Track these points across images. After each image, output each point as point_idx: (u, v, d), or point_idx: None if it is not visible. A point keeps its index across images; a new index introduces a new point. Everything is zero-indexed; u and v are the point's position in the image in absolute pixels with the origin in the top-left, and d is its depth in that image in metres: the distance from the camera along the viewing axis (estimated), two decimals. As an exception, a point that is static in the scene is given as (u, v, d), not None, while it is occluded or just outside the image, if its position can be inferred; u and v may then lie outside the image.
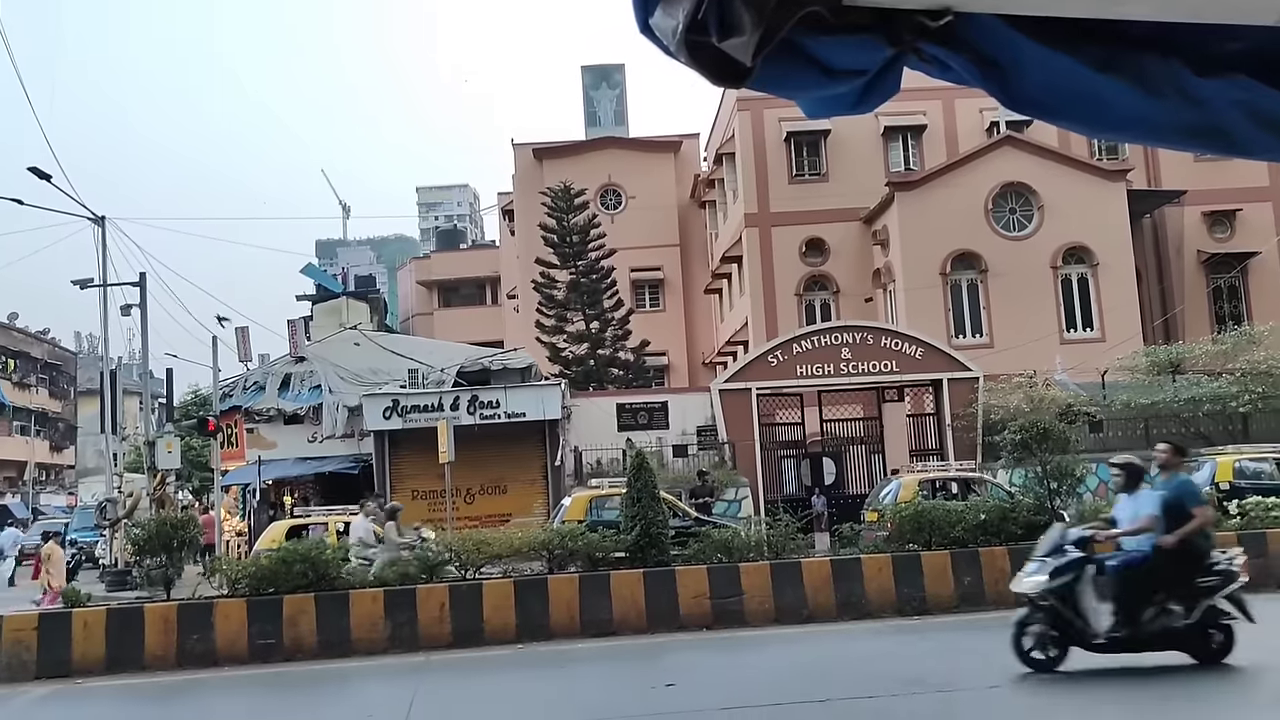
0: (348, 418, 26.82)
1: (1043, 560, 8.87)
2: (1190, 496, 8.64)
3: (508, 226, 47.21)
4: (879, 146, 33.05)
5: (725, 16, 1.30)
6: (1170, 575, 8.44)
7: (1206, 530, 8.69)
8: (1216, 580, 8.42)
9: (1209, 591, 8.37)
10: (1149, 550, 8.52)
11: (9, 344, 57.98)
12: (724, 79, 1.39)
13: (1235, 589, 8.42)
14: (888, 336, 24.82)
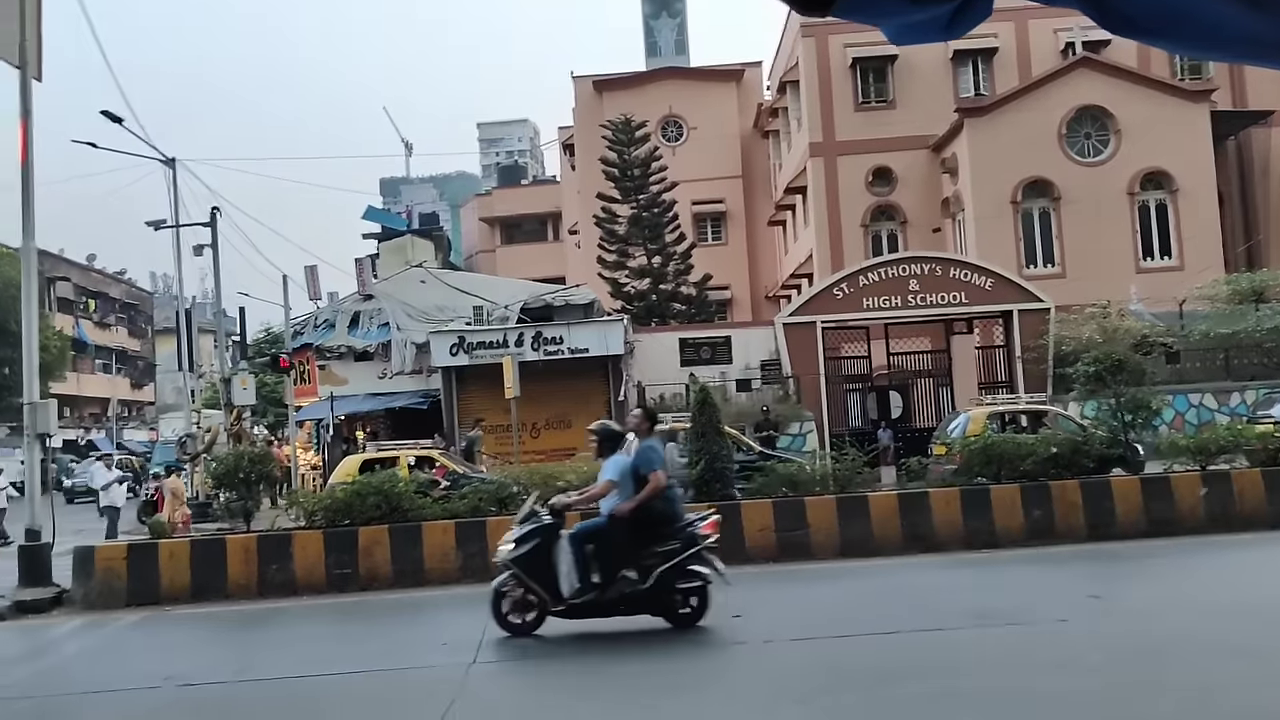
0: (415, 354, 27.22)
1: (518, 527, 8.98)
2: (646, 463, 8.57)
3: (568, 161, 47.00)
4: (948, 71, 32.12)
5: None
6: (625, 542, 8.48)
7: (670, 494, 8.69)
8: (676, 545, 8.48)
9: (666, 556, 8.43)
10: (604, 518, 8.61)
11: (88, 285, 59.63)
12: (810, 7, 1.34)
13: (695, 552, 8.48)
14: (956, 267, 24.37)
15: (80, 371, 55.78)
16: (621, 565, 8.48)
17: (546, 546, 8.63)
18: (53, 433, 13.56)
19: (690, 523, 8.70)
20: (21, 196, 13.04)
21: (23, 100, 13.06)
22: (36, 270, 13.61)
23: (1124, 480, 13.36)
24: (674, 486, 8.73)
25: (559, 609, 8.66)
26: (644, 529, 8.47)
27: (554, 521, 8.80)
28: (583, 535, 8.65)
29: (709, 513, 9.04)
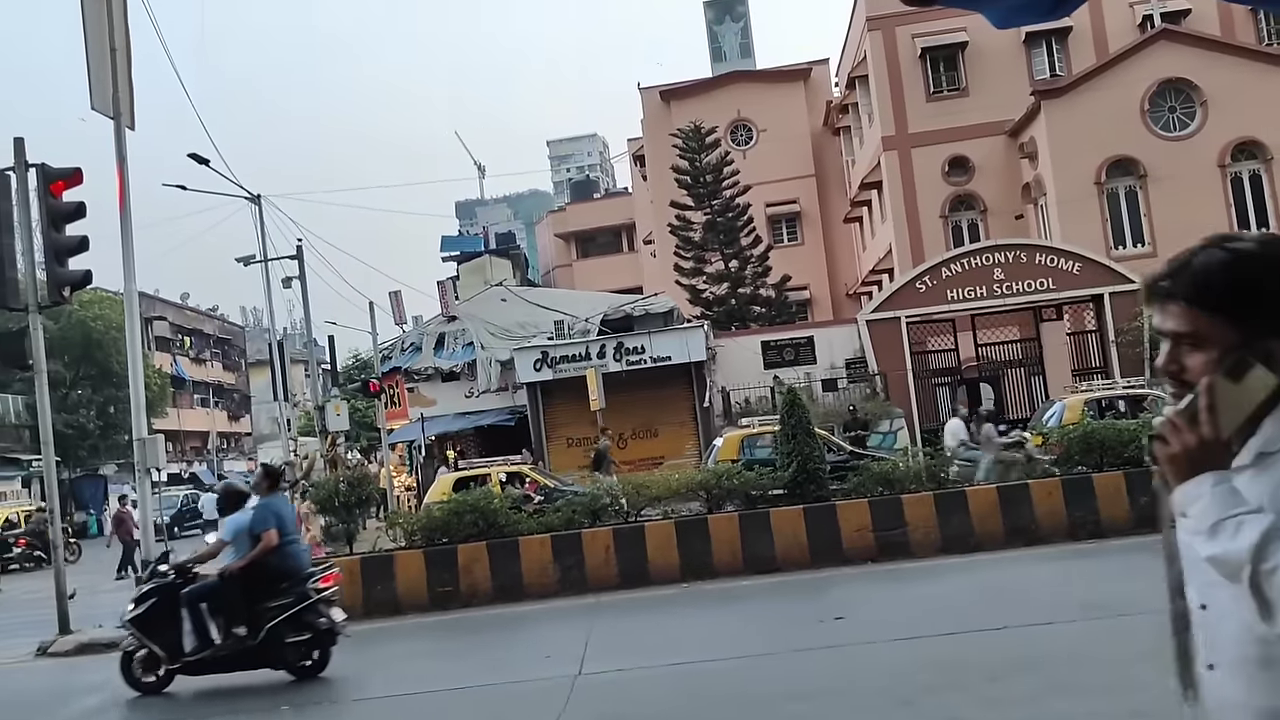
0: (500, 372, 27.60)
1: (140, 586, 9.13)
2: (260, 522, 8.62)
3: (639, 172, 47.19)
4: (1021, 54, 31.45)
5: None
6: (237, 599, 8.56)
7: (286, 550, 8.68)
8: (289, 600, 8.54)
9: (278, 611, 8.50)
10: (216, 577, 8.71)
11: (184, 322, 61.74)
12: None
13: (309, 605, 8.59)
14: (1042, 253, 23.81)
15: (180, 406, 57.73)
16: (234, 622, 8.66)
17: (168, 604, 8.81)
18: (162, 467, 14.06)
19: (308, 576, 8.85)
20: (121, 241, 13.57)
21: (118, 149, 13.60)
22: (139, 312, 14.13)
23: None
24: (294, 542, 8.87)
25: (176, 666, 8.81)
26: (258, 585, 8.65)
27: (175, 580, 9.01)
28: (195, 594, 8.85)
29: (328, 566, 9.26)
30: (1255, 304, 1.54)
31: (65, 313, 35.28)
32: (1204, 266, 1.57)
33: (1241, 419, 1.53)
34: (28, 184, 13.11)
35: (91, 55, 13.37)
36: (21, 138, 13.25)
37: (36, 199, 12.99)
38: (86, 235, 13.39)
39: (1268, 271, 1.56)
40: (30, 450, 42.20)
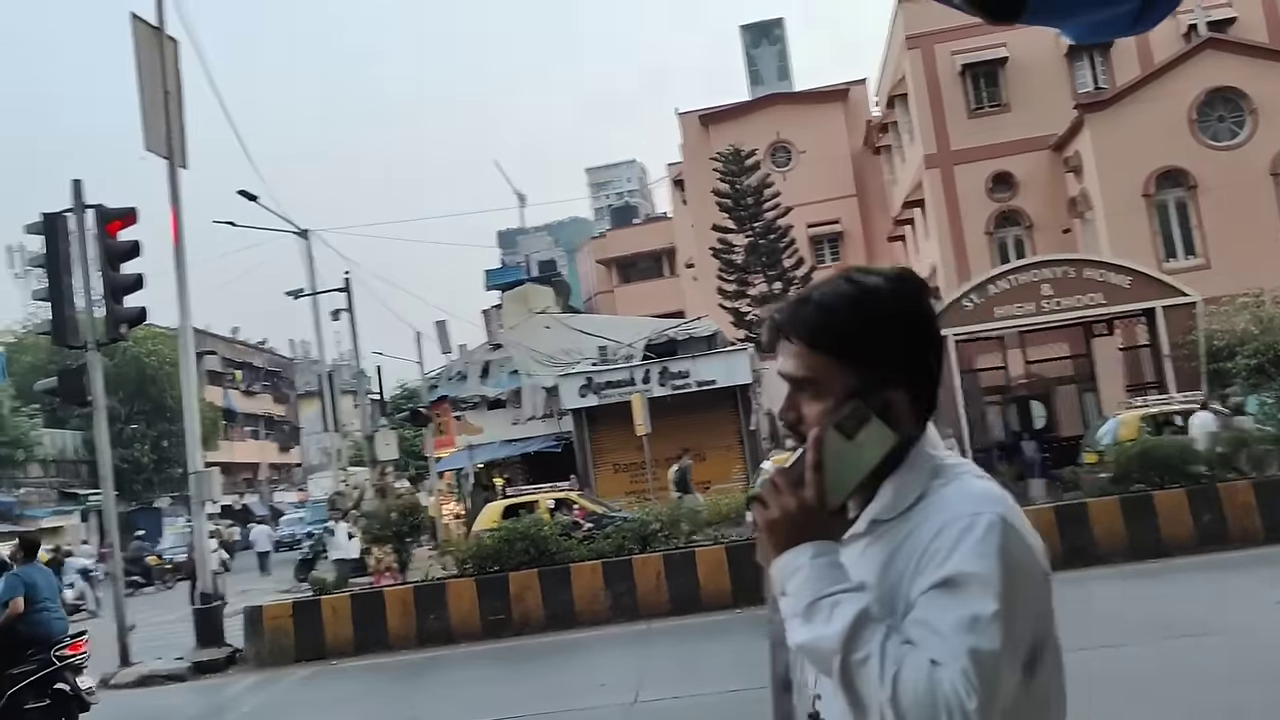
0: (545, 398, 27.70)
1: None
2: (9, 590, 8.55)
3: (679, 197, 47.32)
4: (1063, 68, 31.16)
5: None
6: None
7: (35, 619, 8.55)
8: (32, 667, 8.47)
9: (20, 678, 8.45)
10: None
11: (234, 356, 62.77)
12: (1000, 15, 1.32)
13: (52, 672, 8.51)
14: (1091, 267, 23.43)
15: (231, 439, 58.58)
16: None
17: None
18: (217, 499, 14.25)
19: (57, 643, 8.75)
20: (176, 278, 13.83)
21: (171, 188, 13.90)
22: (193, 348, 14.38)
23: (1301, 477, 12.56)
24: (44, 610, 8.75)
25: None
26: (4, 653, 8.58)
27: None
28: None
29: (80, 633, 9.15)
30: (877, 348, 1.35)
31: (120, 349, 36.01)
32: (824, 303, 1.38)
33: (857, 480, 1.33)
34: (84, 225, 13.44)
35: (145, 98, 13.69)
36: (79, 180, 13.60)
37: (94, 239, 13.30)
38: (141, 273, 13.68)
39: (895, 312, 1.37)
40: (88, 485, 43.03)
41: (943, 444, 1.42)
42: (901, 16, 32.86)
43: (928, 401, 1.41)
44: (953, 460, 1.40)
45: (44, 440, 42.45)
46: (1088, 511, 12.46)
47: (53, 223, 13.38)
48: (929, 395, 1.41)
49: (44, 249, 13.50)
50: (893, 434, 1.32)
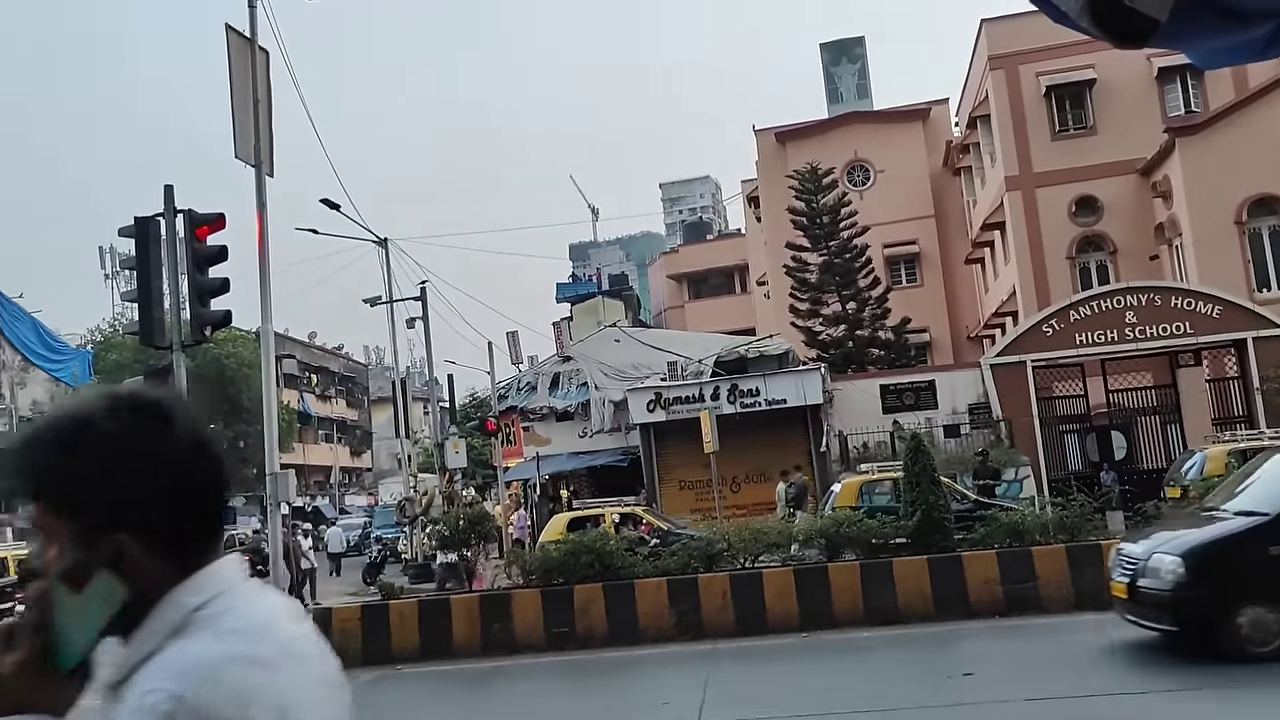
0: (614, 412, 27.76)
1: None
2: None
3: (753, 213, 47.16)
4: (1153, 91, 30.40)
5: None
6: None
7: None
8: None
9: None
10: None
11: (311, 360, 64.08)
12: (1127, 39, 1.26)
13: None
14: (1178, 295, 22.81)
15: (305, 442, 59.77)
16: None
17: None
18: (292, 500, 14.50)
19: None
20: (260, 283, 14.14)
21: (258, 195, 14.22)
22: (274, 351, 14.67)
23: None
24: None
25: None
26: None
27: None
28: None
29: None
30: (88, 491, 1.19)
31: (202, 350, 36.98)
32: (28, 446, 1.23)
33: (90, 640, 1.17)
34: (175, 229, 13.82)
35: (236, 107, 14.05)
36: (171, 185, 13.99)
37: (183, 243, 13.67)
38: (227, 277, 14.02)
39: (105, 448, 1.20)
40: (167, 481, 44.19)
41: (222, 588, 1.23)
42: (985, 37, 32.40)
43: (184, 541, 1.24)
44: (215, 610, 1.20)
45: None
46: (1171, 548, 12.03)
47: (144, 227, 13.76)
48: (182, 535, 1.24)
49: (135, 251, 13.91)
50: (120, 586, 1.17)
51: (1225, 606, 8.58)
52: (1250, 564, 8.74)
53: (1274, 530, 8.77)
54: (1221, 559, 8.93)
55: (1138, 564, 9.16)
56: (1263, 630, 8.50)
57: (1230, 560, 8.93)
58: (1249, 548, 8.86)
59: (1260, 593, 8.59)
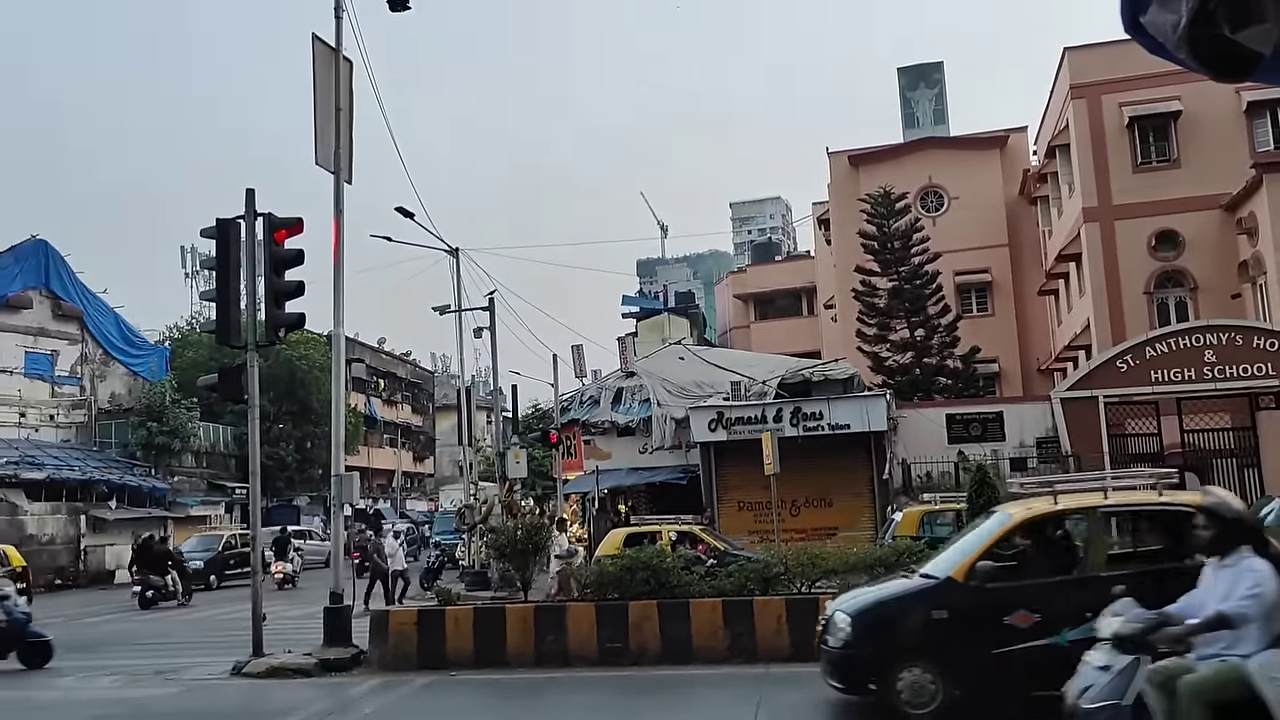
0: (675, 429, 27.74)
1: None
2: None
3: (824, 236, 46.92)
4: (1241, 125, 29.64)
5: (1241, 5, 1.16)
6: None
7: None
8: None
9: None
10: None
11: (379, 365, 65.11)
12: (1226, 73, 1.25)
13: None
14: (1260, 336, 22.18)
15: (370, 445, 60.70)
16: None
17: None
18: (356, 502, 14.73)
19: None
20: (334, 288, 14.46)
21: (336, 201, 14.55)
22: (344, 355, 14.96)
23: None
24: None
25: None
26: None
27: None
28: None
29: None
30: None
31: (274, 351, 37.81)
32: None
33: None
34: (255, 232, 14.19)
35: (319, 114, 14.41)
36: (252, 189, 14.37)
37: (262, 246, 14.03)
38: (303, 281, 14.34)
39: None
40: (235, 478, 45.26)
41: None
42: (1068, 65, 31.90)
43: None
44: None
45: (199, 432, 44.87)
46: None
47: (225, 228, 14.17)
48: None
49: (215, 252, 14.31)
50: None
51: (886, 667, 8.56)
52: (912, 626, 8.72)
53: (938, 594, 8.74)
54: (885, 619, 8.92)
55: (825, 620, 9.21)
56: (921, 693, 8.43)
57: (893, 621, 8.90)
58: (912, 610, 8.85)
59: (920, 655, 8.54)
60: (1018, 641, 8.42)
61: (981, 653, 8.46)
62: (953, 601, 8.72)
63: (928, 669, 8.56)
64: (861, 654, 8.86)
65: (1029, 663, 8.33)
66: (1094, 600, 8.37)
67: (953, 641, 8.61)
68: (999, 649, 8.44)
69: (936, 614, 8.73)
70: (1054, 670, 8.34)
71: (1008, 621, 8.48)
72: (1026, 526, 9.33)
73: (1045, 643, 8.33)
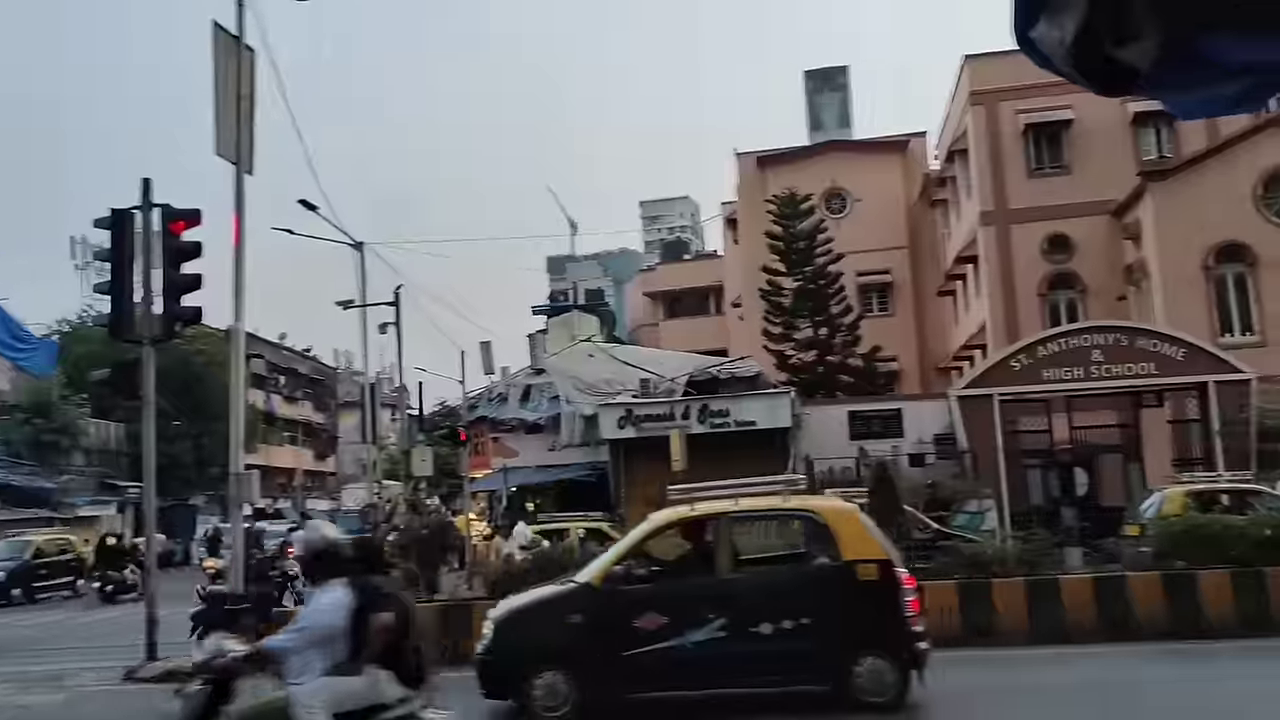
0: (584, 427, 27.72)
1: None
2: None
3: (731, 236, 47.47)
4: (1128, 135, 30.94)
5: (1122, 23, 1.24)
6: None
7: None
8: None
9: None
10: None
11: (279, 361, 63.56)
12: (1109, 87, 1.33)
13: None
14: (1144, 337, 23.14)
15: (269, 443, 59.23)
16: None
17: None
18: (255, 502, 14.38)
19: None
20: (234, 281, 14.07)
21: (237, 193, 14.17)
22: (244, 351, 14.59)
23: (1352, 568, 12.21)
24: None
25: None
26: None
27: None
28: None
29: None
30: None
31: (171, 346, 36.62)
32: None
33: None
34: (151, 223, 13.74)
35: (219, 102, 14.01)
36: (148, 178, 13.93)
37: (158, 237, 13.59)
38: (201, 274, 13.95)
39: None
40: (127, 477, 43.67)
41: None
42: (967, 72, 32.86)
43: None
44: None
45: (89, 430, 43.18)
46: (1127, 585, 12.22)
47: (120, 219, 13.70)
48: None
49: (109, 243, 13.82)
50: None
51: (523, 672, 8.82)
52: (548, 631, 9.02)
53: (574, 599, 9.09)
54: (523, 625, 9.21)
55: None
56: (554, 696, 8.72)
57: (531, 627, 9.21)
58: (549, 615, 9.16)
59: (555, 660, 8.84)
60: (645, 644, 8.72)
61: (612, 655, 8.70)
62: (587, 606, 8.96)
63: (562, 673, 8.75)
64: (498, 660, 9.03)
65: (655, 664, 8.65)
66: (719, 602, 8.78)
67: (585, 645, 8.81)
68: (628, 651, 8.70)
69: (571, 619, 8.95)
70: (679, 671, 8.78)
71: (637, 624, 8.77)
72: (666, 532, 9.77)
73: (669, 645, 8.68)
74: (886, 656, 8.64)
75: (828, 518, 9.35)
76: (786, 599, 8.90)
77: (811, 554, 9.55)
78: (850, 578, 8.84)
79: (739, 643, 8.67)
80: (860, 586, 8.80)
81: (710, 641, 8.64)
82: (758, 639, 8.69)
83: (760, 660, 8.68)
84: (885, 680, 8.59)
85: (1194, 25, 1.27)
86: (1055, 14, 1.29)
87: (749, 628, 8.73)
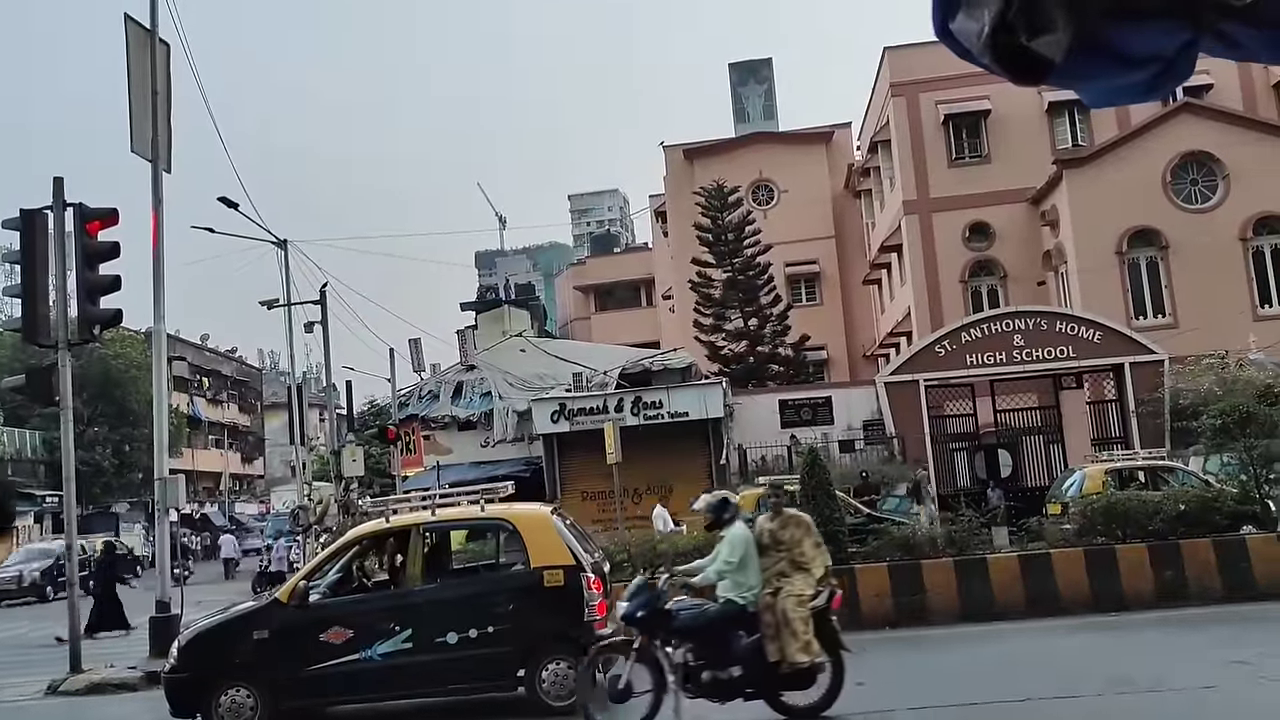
0: (517, 422, 27.60)
1: None
2: None
3: (660, 228, 47.60)
4: (1043, 124, 31.73)
5: (1035, 15, 1.29)
6: None
7: None
8: None
9: None
10: None
11: (202, 363, 62.11)
12: (1025, 77, 1.38)
13: None
14: (1062, 321, 23.82)
15: (194, 447, 57.89)
16: None
17: None
18: (181, 507, 14.07)
19: None
20: (153, 282, 13.74)
21: (154, 191, 13.84)
22: (166, 354, 14.25)
23: (1261, 539, 12.75)
24: None
25: None
26: None
27: None
28: None
29: None
30: None
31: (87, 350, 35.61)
32: None
33: None
34: (64, 223, 13.33)
35: (134, 98, 13.66)
36: (61, 177, 13.50)
37: (72, 238, 13.20)
38: (119, 275, 13.58)
39: None
40: (45, 485, 42.33)
41: None
42: (888, 64, 33.39)
43: None
44: None
45: (2, 438, 41.76)
46: (1051, 562, 12.58)
47: (30, 219, 13.26)
48: None
49: (20, 245, 13.38)
50: None
51: (208, 690, 8.97)
52: (236, 648, 9.18)
53: (262, 615, 9.31)
54: (209, 643, 9.41)
55: None
56: (239, 713, 8.92)
57: (218, 644, 9.38)
58: (237, 632, 9.35)
59: (241, 676, 9.03)
60: (332, 658, 8.91)
61: (297, 670, 8.89)
62: (274, 622, 9.08)
63: (248, 689, 8.88)
64: (185, 678, 9.14)
65: (342, 676, 8.87)
66: (405, 614, 9.01)
67: (272, 661, 8.95)
68: (313, 665, 8.90)
69: (258, 635, 9.06)
70: (365, 683, 9.00)
71: (323, 638, 8.93)
72: (362, 544, 9.99)
73: (355, 658, 8.88)
74: (571, 661, 8.72)
75: (519, 525, 9.46)
76: (475, 608, 9.06)
77: (506, 562, 9.95)
78: (538, 584, 8.97)
79: (424, 653, 8.82)
80: (546, 593, 8.92)
81: (396, 653, 8.83)
82: (443, 648, 8.83)
83: (445, 669, 8.83)
84: (569, 684, 8.67)
85: (1101, 16, 1.33)
86: (973, 7, 1.34)
87: (435, 638, 8.86)
